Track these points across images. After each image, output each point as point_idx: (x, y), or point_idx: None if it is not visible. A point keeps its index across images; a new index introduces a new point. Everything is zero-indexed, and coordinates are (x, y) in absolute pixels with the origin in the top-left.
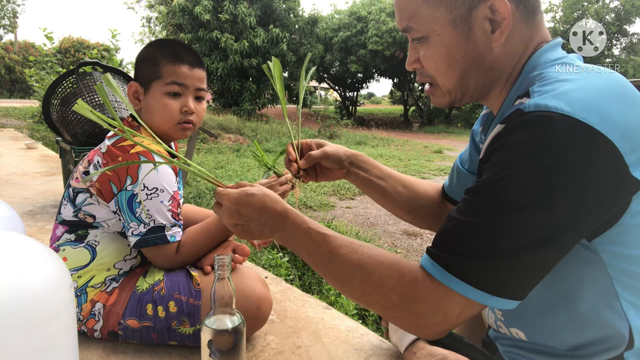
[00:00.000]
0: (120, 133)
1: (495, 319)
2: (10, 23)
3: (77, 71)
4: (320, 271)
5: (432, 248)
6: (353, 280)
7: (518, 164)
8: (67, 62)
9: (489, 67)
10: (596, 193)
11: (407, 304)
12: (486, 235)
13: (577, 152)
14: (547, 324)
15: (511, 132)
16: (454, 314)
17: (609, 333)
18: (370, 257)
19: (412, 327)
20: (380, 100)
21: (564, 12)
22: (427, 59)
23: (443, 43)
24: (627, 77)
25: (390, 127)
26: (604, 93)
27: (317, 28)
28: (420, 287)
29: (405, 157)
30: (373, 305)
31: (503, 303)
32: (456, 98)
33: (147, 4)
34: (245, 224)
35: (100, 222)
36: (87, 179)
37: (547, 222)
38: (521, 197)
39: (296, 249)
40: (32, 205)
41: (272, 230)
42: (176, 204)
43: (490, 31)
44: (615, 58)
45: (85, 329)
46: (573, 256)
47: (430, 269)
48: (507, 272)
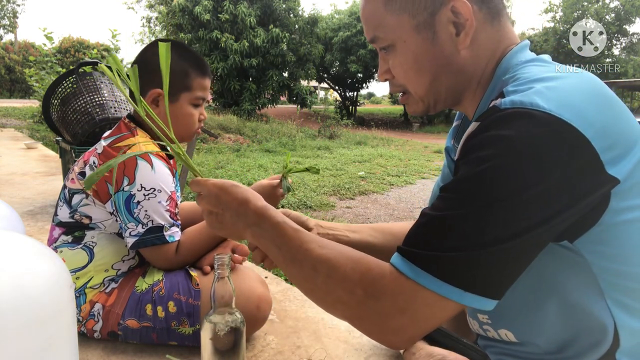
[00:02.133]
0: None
1: (480, 325)
2: (10, 23)
3: (77, 71)
4: (288, 268)
5: (401, 245)
6: (318, 276)
7: (495, 158)
8: (67, 62)
9: (458, 71)
10: (573, 188)
11: (372, 300)
12: (460, 228)
13: (555, 147)
14: (535, 322)
15: (489, 128)
16: (423, 316)
17: (595, 331)
18: (339, 252)
19: (375, 331)
20: (380, 100)
21: (564, 12)
22: (396, 67)
23: (409, 50)
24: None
25: (390, 127)
26: (579, 92)
27: (317, 28)
28: (387, 282)
29: (405, 157)
30: (336, 306)
31: (478, 301)
32: (429, 105)
33: (147, 4)
34: (221, 212)
35: (97, 223)
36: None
37: (523, 216)
38: (497, 190)
39: (267, 245)
40: (32, 205)
41: (247, 223)
42: (174, 204)
43: (455, 34)
44: (615, 58)
45: (85, 330)
46: (557, 258)
47: (399, 265)
48: (481, 266)
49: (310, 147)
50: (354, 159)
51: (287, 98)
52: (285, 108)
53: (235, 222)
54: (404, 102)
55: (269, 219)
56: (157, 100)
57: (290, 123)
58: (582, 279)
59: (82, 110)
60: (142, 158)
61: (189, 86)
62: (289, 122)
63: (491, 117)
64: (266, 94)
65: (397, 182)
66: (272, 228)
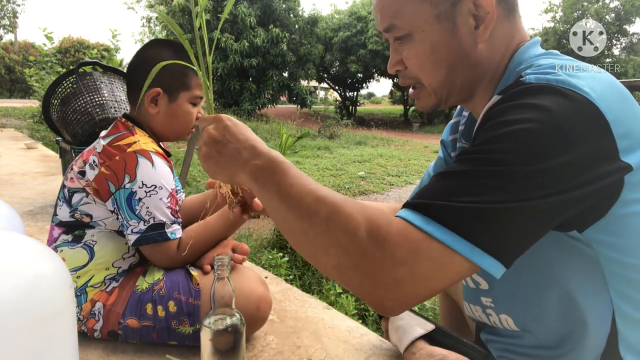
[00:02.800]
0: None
1: (483, 309)
2: (10, 23)
3: (77, 71)
4: (283, 207)
5: (409, 201)
6: (317, 214)
7: (526, 122)
8: (67, 62)
9: (474, 64)
10: (591, 168)
11: (373, 246)
12: (478, 183)
13: (583, 125)
14: (535, 309)
15: (517, 97)
16: (424, 270)
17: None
18: (344, 197)
19: (367, 283)
20: (380, 100)
21: (564, 12)
22: (411, 57)
23: (428, 39)
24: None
25: (390, 127)
26: (599, 80)
27: (317, 28)
28: (393, 230)
29: (405, 157)
30: (329, 250)
31: (487, 261)
32: (442, 98)
33: (147, 4)
34: (225, 142)
35: (97, 221)
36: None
37: (543, 183)
38: (524, 152)
39: (263, 183)
40: (32, 205)
41: (250, 156)
42: (175, 201)
43: (474, 27)
44: (615, 58)
45: (85, 329)
46: (565, 248)
47: (407, 215)
48: (494, 222)
49: (310, 147)
50: (354, 159)
51: (287, 98)
52: (285, 108)
53: (236, 157)
54: (414, 96)
55: (274, 158)
56: (156, 99)
57: (290, 123)
58: (587, 270)
59: (82, 110)
60: (143, 155)
61: (188, 85)
62: (289, 122)
63: (518, 88)
64: (266, 94)
65: (397, 182)
66: (275, 165)
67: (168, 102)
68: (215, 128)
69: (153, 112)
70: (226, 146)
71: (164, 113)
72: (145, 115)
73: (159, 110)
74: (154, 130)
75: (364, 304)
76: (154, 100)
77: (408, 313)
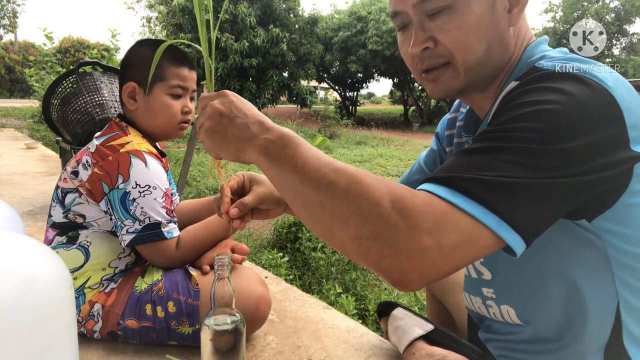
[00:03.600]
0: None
1: (483, 300)
2: (10, 23)
3: (77, 71)
4: (299, 176)
5: (430, 175)
6: (338, 182)
7: (548, 103)
8: (67, 62)
9: (505, 48)
10: (609, 151)
11: (397, 215)
12: (503, 158)
13: (601, 111)
14: (539, 300)
15: (537, 81)
16: (451, 241)
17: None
18: (362, 170)
19: (389, 253)
20: (380, 100)
21: (564, 12)
22: (450, 30)
23: (473, 12)
24: (627, 77)
25: (390, 127)
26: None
27: (317, 28)
28: (418, 201)
29: (405, 157)
30: (349, 220)
31: (512, 237)
32: (470, 80)
33: (147, 4)
34: (232, 116)
35: (90, 222)
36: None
37: (569, 162)
38: (549, 132)
39: (275, 156)
40: (32, 205)
41: (259, 130)
42: (169, 200)
43: (508, 10)
44: (615, 58)
45: (85, 330)
46: (573, 237)
47: (431, 188)
48: (521, 198)
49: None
50: (354, 159)
51: (287, 98)
52: (285, 108)
53: (244, 131)
54: (433, 78)
55: (286, 132)
56: (133, 94)
57: (290, 123)
58: (593, 259)
59: (82, 110)
60: (136, 156)
61: (162, 76)
62: (289, 122)
63: (536, 74)
64: (266, 94)
65: None
66: (287, 139)
67: (143, 96)
68: (221, 102)
69: (132, 108)
70: (233, 120)
71: (142, 108)
72: (129, 113)
73: (137, 106)
74: (142, 129)
75: (363, 304)
76: (131, 95)
77: (407, 313)
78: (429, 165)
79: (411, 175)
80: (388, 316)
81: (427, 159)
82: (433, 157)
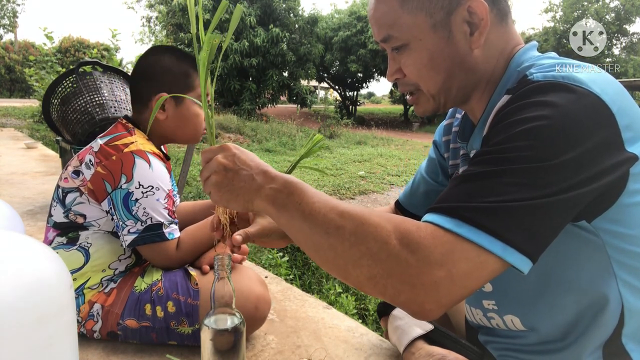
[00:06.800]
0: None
1: (484, 313)
2: (10, 23)
3: (77, 71)
4: (307, 222)
5: (433, 205)
6: (344, 228)
7: (540, 119)
8: (67, 61)
9: (470, 69)
10: (605, 156)
11: (406, 251)
12: (501, 182)
13: (592, 119)
14: (543, 305)
15: (528, 96)
16: (461, 271)
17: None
18: (368, 209)
19: (405, 289)
20: (380, 99)
21: (564, 12)
22: (409, 65)
23: (425, 48)
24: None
25: (390, 126)
26: (599, 76)
27: (317, 28)
28: (423, 234)
29: (405, 157)
30: (361, 262)
31: (519, 260)
32: (440, 103)
33: (147, 3)
34: (237, 170)
35: (91, 222)
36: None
37: (567, 176)
38: (542, 149)
39: (283, 205)
40: (32, 205)
41: (264, 180)
42: (171, 202)
43: (469, 33)
44: (615, 58)
45: (85, 330)
46: (574, 239)
47: (435, 219)
48: (524, 220)
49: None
50: (354, 159)
51: (287, 98)
52: (285, 108)
53: (250, 182)
54: (413, 102)
55: (285, 177)
56: (163, 105)
57: (290, 123)
58: (595, 260)
59: (82, 110)
60: (140, 156)
61: (192, 86)
62: (289, 122)
63: (527, 87)
64: (266, 94)
65: (397, 182)
66: (293, 186)
67: (175, 105)
68: (225, 157)
69: (162, 117)
70: (238, 173)
71: (172, 117)
72: (164, 122)
73: (167, 115)
74: (164, 135)
75: (363, 304)
76: (161, 105)
77: (407, 314)
78: (431, 175)
79: (415, 188)
80: (388, 316)
81: (427, 169)
82: (433, 165)
